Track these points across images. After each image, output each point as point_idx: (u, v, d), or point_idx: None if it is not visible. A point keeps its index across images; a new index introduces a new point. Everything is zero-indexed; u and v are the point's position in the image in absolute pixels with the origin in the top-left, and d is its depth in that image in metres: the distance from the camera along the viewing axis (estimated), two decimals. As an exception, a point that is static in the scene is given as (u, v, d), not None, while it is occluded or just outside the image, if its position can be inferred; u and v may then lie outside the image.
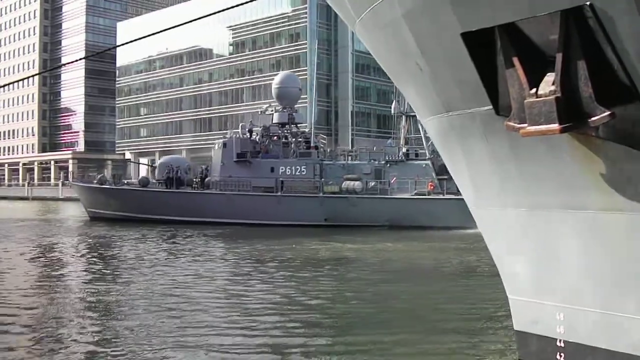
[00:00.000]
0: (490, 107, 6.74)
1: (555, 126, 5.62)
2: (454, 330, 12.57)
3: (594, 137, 5.92)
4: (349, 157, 50.95)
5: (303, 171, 46.05)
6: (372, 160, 46.60)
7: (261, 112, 55.64)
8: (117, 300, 15.79)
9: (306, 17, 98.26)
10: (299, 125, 53.12)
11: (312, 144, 50.44)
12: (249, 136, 50.02)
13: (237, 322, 13.24)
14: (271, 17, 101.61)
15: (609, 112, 5.43)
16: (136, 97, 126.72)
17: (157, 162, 54.64)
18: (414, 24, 6.98)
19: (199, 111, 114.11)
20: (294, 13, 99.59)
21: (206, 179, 49.33)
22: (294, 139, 50.22)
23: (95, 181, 55.59)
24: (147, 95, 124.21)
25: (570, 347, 7.44)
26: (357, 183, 43.21)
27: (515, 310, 8.44)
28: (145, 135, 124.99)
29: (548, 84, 5.70)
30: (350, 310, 15.00)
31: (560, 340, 7.54)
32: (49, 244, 31.23)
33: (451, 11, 6.39)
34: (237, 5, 11.59)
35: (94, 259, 25.17)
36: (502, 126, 6.38)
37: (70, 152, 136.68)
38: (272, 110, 53.66)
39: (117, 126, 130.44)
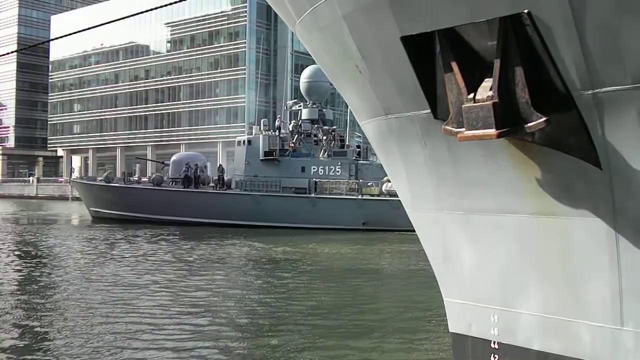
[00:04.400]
0: (429, 111, 6.77)
1: (492, 131, 5.68)
2: (390, 332, 12.64)
3: (530, 142, 6.00)
4: None
5: (338, 171, 43.75)
6: None
7: (287, 107, 52.80)
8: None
9: (246, 16, 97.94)
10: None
11: (346, 142, 47.88)
12: (277, 133, 47.10)
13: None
14: (210, 15, 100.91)
15: (544, 119, 5.52)
16: (70, 93, 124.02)
17: (171, 159, 50.70)
18: (354, 27, 6.97)
19: (134, 108, 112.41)
20: (233, 12, 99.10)
21: (226, 179, 46.45)
22: (325, 137, 47.33)
23: (100, 179, 52.50)
24: (81, 91, 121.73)
25: (504, 348, 7.54)
26: None
27: (450, 313, 8.51)
28: (79, 131, 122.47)
29: (486, 89, 5.76)
30: (293, 314, 14.95)
31: (494, 342, 7.63)
32: None
33: (391, 15, 6.39)
34: (175, 2, 11.39)
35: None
36: (440, 130, 6.42)
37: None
38: (299, 106, 50.51)
39: (50, 122, 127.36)
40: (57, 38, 21.98)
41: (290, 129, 48.02)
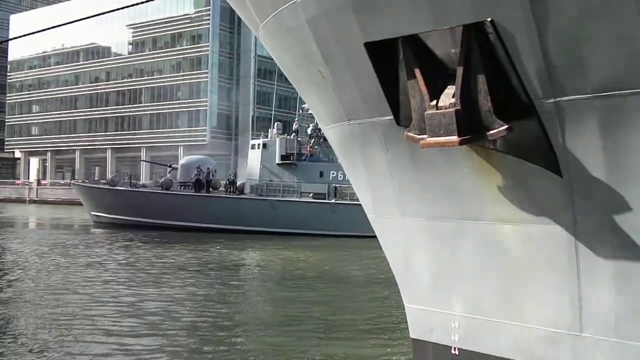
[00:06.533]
0: (392, 117, 6.76)
1: (454, 138, 5.68)
2: (351, 338, 12.62)
3: (492, 149, 6.03)
4: None
5: None
6: None
7: (303, 110, 50.72)
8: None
9: (209, 19, 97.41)
10: None
11: None
12: (295, 136, 45.98)
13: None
14: (173, 17, 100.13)
15: (506, 126, 5.54)
16: (28, 94, 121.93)
17: (179, 163, 48.94)
18: (318, 32, 6.93)
19: (94, 111, 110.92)
20: (196, 15, 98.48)
21: (238, 183, 45.13)
22: None
23: (104, 182, 50.34)
24: (40, 92, 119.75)
25: (464, 354, 7.55)
26: None
27: (411, 319, 8.51)
28: (37, 133, 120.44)
29: (448, 96, 5.77)
30: (247, 315, 14.87)
31: (455, 348, 7.65)
32: None
33: (354, 20, 6.38)
34: (138, 4, 11.25)
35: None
36: (403, 136, 6.41)
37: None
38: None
39: (7, 123, 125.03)
40: (15, 38, 21.46)
41: (309, 132, 47.00)
